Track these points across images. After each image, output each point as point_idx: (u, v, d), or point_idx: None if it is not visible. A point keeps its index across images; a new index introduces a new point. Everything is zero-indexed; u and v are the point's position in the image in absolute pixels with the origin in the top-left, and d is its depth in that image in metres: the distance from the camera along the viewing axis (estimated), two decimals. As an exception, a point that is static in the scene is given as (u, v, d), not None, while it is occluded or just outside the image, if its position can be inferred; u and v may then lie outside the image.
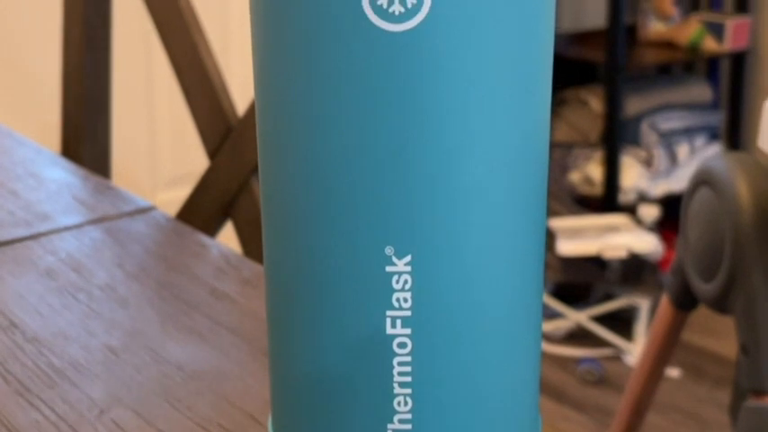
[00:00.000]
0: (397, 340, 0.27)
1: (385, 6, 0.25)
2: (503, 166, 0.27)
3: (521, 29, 0.27)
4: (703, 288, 0.77)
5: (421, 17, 0.25)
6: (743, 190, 0.72)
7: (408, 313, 0.27)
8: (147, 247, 0.55)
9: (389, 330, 0.27)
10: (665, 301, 0.88)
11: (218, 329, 0.46)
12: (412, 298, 0.27)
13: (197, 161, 0.79)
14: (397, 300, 0.27)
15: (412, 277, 0.27)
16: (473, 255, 0.27)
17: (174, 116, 1.77)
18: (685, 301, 0.84)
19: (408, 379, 0.27)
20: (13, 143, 0.73)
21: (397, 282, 0.27)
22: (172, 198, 1.82)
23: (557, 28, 2.19)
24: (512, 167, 0.28)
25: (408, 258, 0.27)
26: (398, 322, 0.27)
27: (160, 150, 1.82)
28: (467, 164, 0.27)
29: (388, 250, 0.27)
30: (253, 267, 0.52)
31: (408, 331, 0.27)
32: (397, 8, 0.25)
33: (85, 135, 0.83)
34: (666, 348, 0.93)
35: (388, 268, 0.27)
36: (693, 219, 0.81)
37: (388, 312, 0.27)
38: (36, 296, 0.49)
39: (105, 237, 0.56)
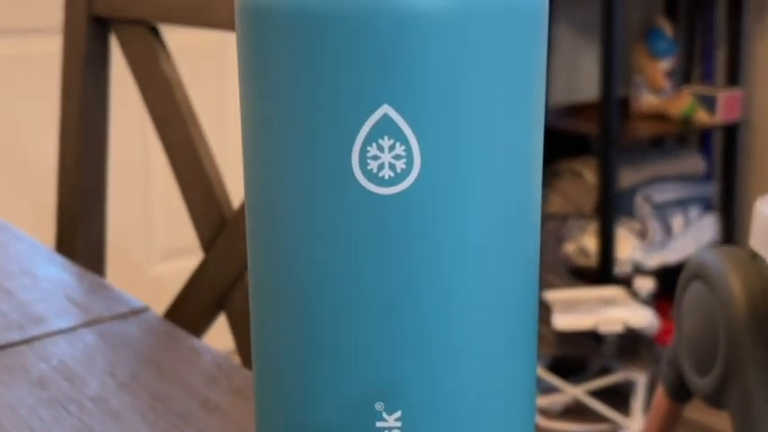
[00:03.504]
0: (387, 495, 0.27)
1: (375, 171, 0.25)
2: (494, 319, 0.28)
3: (508, 183, 0.27)
4: (698, 383, 0.77)
5: (410, 181, 0.25)
6: (735, 285, 0.73)
7: (398, 468, 0.27)
8: (140, 353, 0.55)
9: (380, 485, 0.27)
10: (660, 392, 0.87)
11: (210, 446, 0.45)
12: (402, 453, 0.27)
13: (192, 235, 0.79)
14: (388, 455, 0.27)
15: (402, 432, 0.27)
16: (464, 409, 0.27)
17: (169, 189, 1.78)
18: (681, 393, 0.84)
19: None
20: (9, 237, 0.73)
21: (387, 437, 0.27)
22: (167, 271, 1.82)
23: (550, 101, 2.22)
24: (504, 320, 0.28)
25: (398, 414, 0.27)
26: (389, 477, 0.27)
27: (155, 223, 1.83)
28: (457, 320, 0.27)
29: (378, 406, 0.27)
30: (245, 376, 0.52)
31: (399, 486, 0.27)
32: (386, 173, 0.25)
33: (81, 225, 0.83)
34: (663, 435, 0.92)
35: (379, 424, 0.27)
36: (687, 312, 0.81)
37: (379, 467, 0.27)
38: (27, 408, 0.49)
39: (98, 341, 0.56)
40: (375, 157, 0.25)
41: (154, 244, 1.84)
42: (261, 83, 0.27)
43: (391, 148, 0.25)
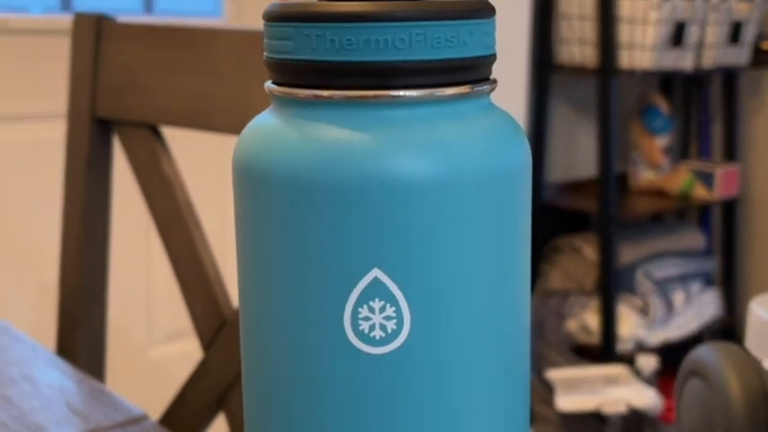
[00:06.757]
0: None
1: (366, 331, 0.26)
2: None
3: (498, 332, 0.28)
4: (700, 480, 0.76)
5: (401, 341, 0.26)
6: (734, 387, 0.73)
7: None
8: (139, 467, 0.55)
9: None
10: (663, 487, 0.86)
11: None
12: None
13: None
14: None
15: None
16: None
17: (171, 272, 1.78)
18: (683, 489, 0.83)
19: None
20: (9, 339, 0.74)
21: None
22: (168, 353, 1.82)
23: (548, 177, 2.24)
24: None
25: None
26: None
27: (156, 305, 1.83)
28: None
29: None
30: (244, 491, 0.52)
31: None
32: (377, 333, 0.26)
33: (81, 324, 0.84)
34: None
35: None
36: (686, 409, 0.81)
37: None
38: None
39: (97, 453, 0.56)
40: (366, 318, 0.26)
41: (155, 326, 1.84)
42: (255, 241, 0.28)
43: (382, 309, 0.26)
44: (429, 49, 0.26)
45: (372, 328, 0.26)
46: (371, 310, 0.26)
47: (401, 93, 0.26)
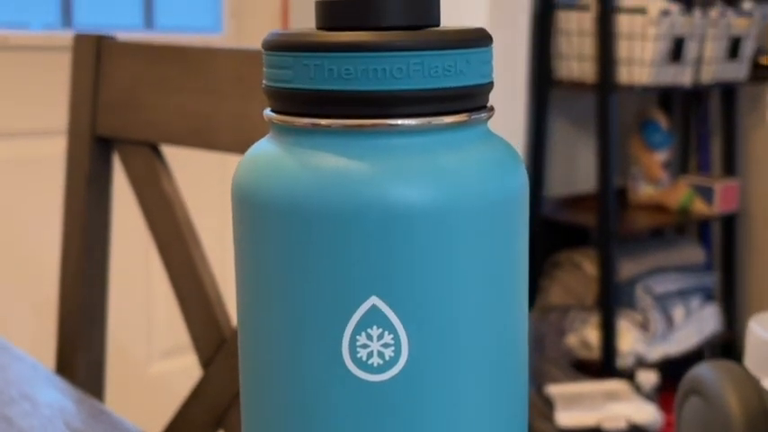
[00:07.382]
0: None
1: (364, 359, 0.26)
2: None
3: (496, 358, 0.28)
4: (700, 499, 0.76)
5: (399, 368, 0.26)
6: (733, 405, 0.73)
7: None
8: (138, 487, 0.55)
9: None
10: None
11: None
12: None
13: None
14: None
15: None
16: None
17: (170, 290, 1.78)
18: (683, 507, 0.83)
19: None
20: (10, 359, 0.74)
21: None
22: (167, 369, 1.82)
23: (548, 192, 2.24)
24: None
25: None
26: None
27: (156, 321, 1.83)
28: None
29: None
30: None
31: None
32: (375, 360, 0.26)
33: (81, 344, 0.84)
34: None
35: None
36: (686, 427, 0.81)
37: None
38: None
39: (96, 473, 0.56)
40: (364, 346, 0.26)
41: (154, 343, 1.84)
42: (253, 267, 0.28)
43: (380, 336, 0.26)
44: (426, 79, 0.26)
45: (370, 355, 0.26)
46: (369, 337, 0.26)
47: (399, 121, 0.26)
